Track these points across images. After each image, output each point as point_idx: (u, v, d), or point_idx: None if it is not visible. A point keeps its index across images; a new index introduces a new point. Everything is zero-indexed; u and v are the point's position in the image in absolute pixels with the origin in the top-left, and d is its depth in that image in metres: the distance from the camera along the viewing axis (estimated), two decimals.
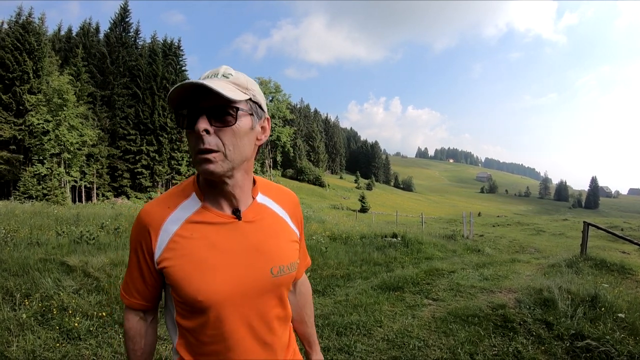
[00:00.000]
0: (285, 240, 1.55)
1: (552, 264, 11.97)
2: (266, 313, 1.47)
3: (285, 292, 1.54)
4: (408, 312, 6.79)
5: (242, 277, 1.40)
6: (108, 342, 4.89)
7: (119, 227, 14.64)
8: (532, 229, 32.90)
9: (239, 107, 1.32)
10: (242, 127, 1.34)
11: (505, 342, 5.50)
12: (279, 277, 1.46)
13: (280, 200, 1.62)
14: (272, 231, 1.52)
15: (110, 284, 6.89)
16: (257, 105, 1.41)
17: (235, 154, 1.34)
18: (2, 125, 49.19)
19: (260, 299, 1.44)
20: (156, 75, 67.57)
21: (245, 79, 1.40)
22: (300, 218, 1.73)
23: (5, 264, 7.62)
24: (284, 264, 1.48)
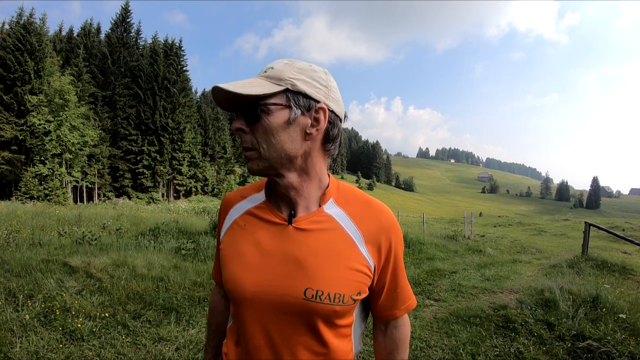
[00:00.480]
0: (343, 264, 1.26)
1: (554, 264, 11.96)
2: (289, 337, 1.27)
3: (320, 324, 1.26)
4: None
5: (269, 285, 1.27)
6: (111, 343, 4.89)
7: (120, 228, 14.66)
8: (534, 229, 32.80)
9: (268, 101, 1.20)
10: (274, 122, 1.21)
11: (506, 342, 5.52)
12: (312, 302, 1.22)
13: (359, 217, 1.32)
14: (327, 248, 1.27)
15: (113, 284, 6.89)
16: (301, 94, 1.22)
17: (270, 152, 1.23)
18: (4, 125, 49.28)
19: (285, 317, 1.26)
20: (157, 76, 67.68)
21: (288, 68, 1.24)
22: (388, 248, 1.33)
23: (7, 265, 7.60)
24: (324, 290, 1.22)
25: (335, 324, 1.29)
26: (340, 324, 1.30)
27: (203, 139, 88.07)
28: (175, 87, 70.49)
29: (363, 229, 1.30)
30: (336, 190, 1.36)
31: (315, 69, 1.28)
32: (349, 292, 1.24)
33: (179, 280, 7.70)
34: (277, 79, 1.21)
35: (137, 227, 15.54)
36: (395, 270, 1.37)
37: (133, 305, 6.17)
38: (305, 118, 1.23)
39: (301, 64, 1.26)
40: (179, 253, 10.65)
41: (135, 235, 13.55)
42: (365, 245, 1.29)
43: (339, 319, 1.28)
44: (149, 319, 5.72)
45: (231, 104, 1.24)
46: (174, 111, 69.39)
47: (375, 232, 1.30)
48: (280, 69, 1.23)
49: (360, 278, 1.27)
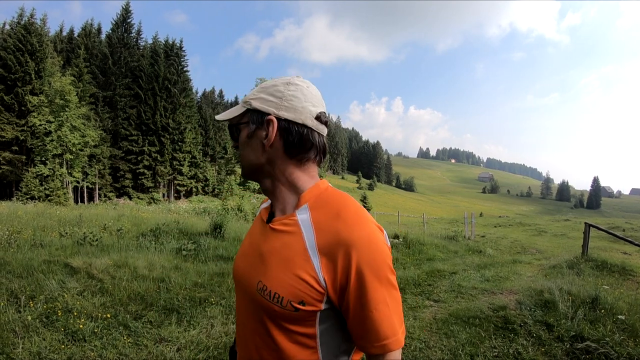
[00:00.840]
0: (289, 268, 1.28)
1: (554, 265, 11.99)
2: (251, 321, 1.40)
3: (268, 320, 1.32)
4: (409, 314, 6.86)
5: (243, 272, 1.45)
6: (113, 344, 4.92)
7: (121, 228, 14.66)
8: (534, 229, 32.79)
9: (239, 122, 1.44)
10: (241, 138, 1.43)
11: (505, 343, 5.55)
12: (259, 295, 1.32)
13: (321, 225, 1.30)
14: (281, 249, 1.33)
15: (114, 285, 6.92)
16: (255, 111, 1.39)
17: (243, 162, 1.45)
18: (5, 126, 49.32)
19: (249, 303, 1.40)
20: (158, 76, 67.69)
21: (257, 90, 1.43)
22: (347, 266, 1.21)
23: (9, 266, 7.62)
24: (268, 286, 1.29)
25: (286, 328, 1.30)
26: (294, 329, 1.29)
27: (204, 139, 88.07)
28: (176, 87, 70.48)
29: (319, 238, 1.27)
30: (315, 196, 1.39)
31: (276, 83, 1.41)
32: (288, 297, 1.25)
33: (180, 281, 7.73)
34: (244, 101, 1.42)
35: (138, 228, 15.54)
36: (361, 296, 1.22)
37: (134, 306, 6.20)
38: (261, 131, 1.38)
39: (267, 82, 1.44)
40: (180, 254, 10.67)
41: (136, 236, 13.56)
42: (319, 256, 1.25)
43: (288, 323, 1.29)
44: (150, 320, 5.74)
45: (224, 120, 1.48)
46: (174, 111, 69.38)
47: (330, 245, 1.25)
48: (251, 92, 1.44)
49: (304, 287, 1.25)
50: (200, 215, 29.78)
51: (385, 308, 1.23)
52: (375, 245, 1.25)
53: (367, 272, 1.21)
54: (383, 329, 1.23)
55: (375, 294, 1.22)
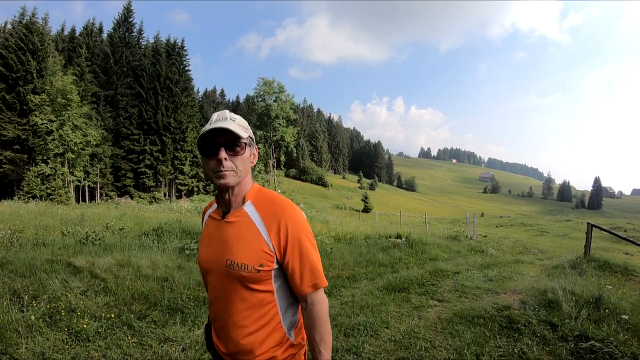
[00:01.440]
0: (249, 244, 1.94)
1: (556, 265, 11.97)
2: (225, 291, 2.01)
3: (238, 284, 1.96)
4: (414, 313, 6.87)
5: (209, 259, 2.07)
6: (117, 344, 4.92)
7: (124, 228, 14.66)
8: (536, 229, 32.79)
9: (244, 142, 1.97)
10: (246, 155, 1.99)
11: (510, 343, 5.55)
12: (230, 269, 1.94)
13: (264, 211, 1.99)
14: (240, 233, 1.97)
15: (118, 285, 6.92)
16: (252, 139, 2.05)
17: (242, 172, 1.98)
18: (6, 125, 49.24)
19: (221, 279, 2.01)
20: (159, 75, 67.57)
21: (243, 121, 2.04)
22: (285, 233, 1.93)
23: (12, 265, 7.61)
24: (234, 260, 1.92)
25: (251, 288, 1.95)
26: (257, 288, 1.95)
27: None
28: (178, 86, 70.28)
29: (265, 219, 1.95)
30: (254, 194, 2.06)
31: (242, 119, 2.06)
32: (252, 263, 1.90)
33: (184, 280, 7.74)
34: (244, 128, 2.01)
35: (140, 227, 15.52)
36: (299, 252, 1.95)
37: (138, 305, 6.20)
38: (253, 152, 2.08)
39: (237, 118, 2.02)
40: (183, 253, 10.67)
41: (138, 235, 13.56)
42: (267, 231, 1.93)
43: (253, 284, 1.94)
44: (155, 320, 5.75)
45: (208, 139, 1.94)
46: (176, 111, 69.20)
47: (272, 221, 1.94)
48: (240, 120, 2.01)
49: (260, 254, 1.92)
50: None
51: (313, 258, 1.98)
52: (299, 217, 1.99)
53: (300, 233, 1.95)
54: (315, 272, 1.97)
55: (306, 248, 1.96)
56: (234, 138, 1.93)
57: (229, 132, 1.91)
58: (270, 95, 69.86)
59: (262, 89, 70.59)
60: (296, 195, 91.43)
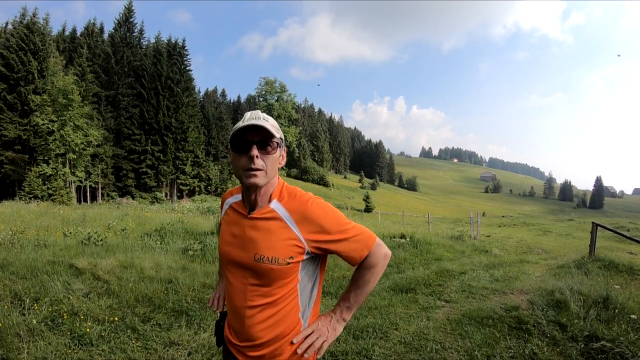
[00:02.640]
0: (279, 239, 1.96)
1: (561, 264, 11.94)
2: (247, 285, 2.02)
3: (270, 276, 1.97)
4: (422, 314, 6.80)
5: (233, 251, 2.07)
6: (121, 348, 4.83)
7: (125, 228, 14.62)
8: (539, 229, 32.74)
9: (276, 141, 1.98)
10: (276, 155, 2.00)
11: (520, 344, 5.51)
12: (258, 263, 1.96)
13: (290, 207, 2.01)
14: (268, 229, 1.98)
15: (121, 287, 6.82)
16: (282, 140, 2.05)
17: (271, 173, 1.99)
18: (7, 125, 49.31)
19: (243, 270, 2.03)
20: (161, 75, 67.67)
21: (275, 122, 2.05)
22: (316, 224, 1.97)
23: (12, 267, 7.52)
24: (265, 254, 1.94)
25: (279, 278, 1.97)
26: (284, 279, 1.98)
27: (206, 138, 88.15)
28: (179, 86, 70.37)
29: (292, 213, 1.98)
30: (279, 191, 2.07)
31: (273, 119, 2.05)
32: (282, 256, 1.94)
33: (188, 282, 7.65)
34: (276, 128, 2.00)
35: (143, 227, 15.50)
36: (341, 233, 1.99)
37: (142, 308, 6.12)
38: (283, 153, 2.09)
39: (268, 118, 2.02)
40: (187, 254, 10.61)
41: (140, 236, 13.52)
42: (297, 225, 1.97)
43: (280, 279, 1.97)
44: (159, 323, 5.66)
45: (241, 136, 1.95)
46: (177, 111, 69.27)
47: (300, 215, 1.97)
48: (272, 121, 2.01)
49: (292, 247, 1.95)
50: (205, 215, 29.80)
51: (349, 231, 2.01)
52: (326, 208, 2.02)
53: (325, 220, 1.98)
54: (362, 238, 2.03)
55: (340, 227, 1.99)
56: (267, 137, 1.95)
57: (262, 129, 1.93)
58: (272, 95, 70.01)
59: (263, 88, 70.72)
60: None
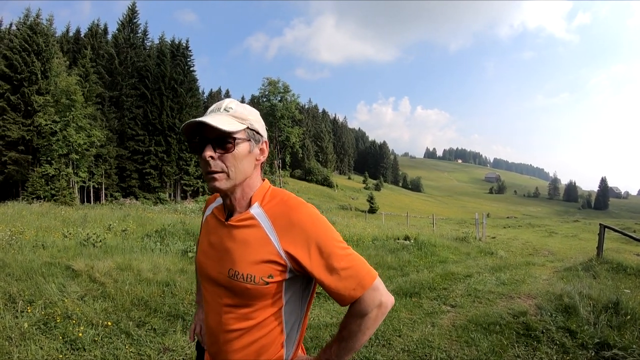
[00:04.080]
0: (255, 252, 1.64)
1: (568, 267, 11.85)
2: (222, 305, 1.73)
3: (247, 296, 1.67)
4: (427, 320, 6.63)
5: (209, 264, 1.80)
6: (113, 354, 4.69)
7: (126, 229, 14.52)
8: (544, 230, 32.68)
9: (237, 136, 1.65)
10: (241, 152, 1.67)
11: (529, 352, 5.35)
12: (232, 280, 1.66)
13: (275, 214, 1.69)
14: (246, 239, 1.68)
15: (117, 290, 6.71)
16: (255, 131, 1.73)
17: (237, 174, 1.68)
18: (11, 125, 49.44)
19: (218, 287, 1.75)
20: (164, 76, 67.87)
21: (245, 110, 1.73)
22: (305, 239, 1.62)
23: (8, 268, 7.44)
24: (239, 270, 1.64)
25: (256, 300, 1.67)
26: (263, 301, 1.68)
27: None
28: (183, 87, 70.57)
29: (276, 224, 1.66)
30: (263, 194, 1.77)
31: (257, 112, 1.80)
32: (259, 274, 1.62)
33: (186, 285, 7.54)
34: (240, 118, 1.69)
35: (144, 228, 15.41)
36: (325, 256, 1.62)
37: (137, 312, 5.99)
38: (257, 149, 1.75)
39: (250, 107, 1.77)
40: (186, 256, 10.51)
41: (141, 237, 13.42)
42: (278, 238, 1.64)
43: (258, 300, 1.67)
44: (154, 327, 5.51)
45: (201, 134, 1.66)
46: (181, 111, 69.42)
47: (286, 227, 1.64)
48: (240, 110, 1.71)
49: (269, 264, 1.63)
50: None
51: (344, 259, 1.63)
52: (316, 217, 1.67)
53: (321, 238, 1.62)
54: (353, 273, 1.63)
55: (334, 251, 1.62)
56: (222, 133, 1.62)
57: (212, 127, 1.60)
58: (275, 95, 69.90)
59: (267, 89, 70.70)
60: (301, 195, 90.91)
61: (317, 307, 7.29)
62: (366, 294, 1.63)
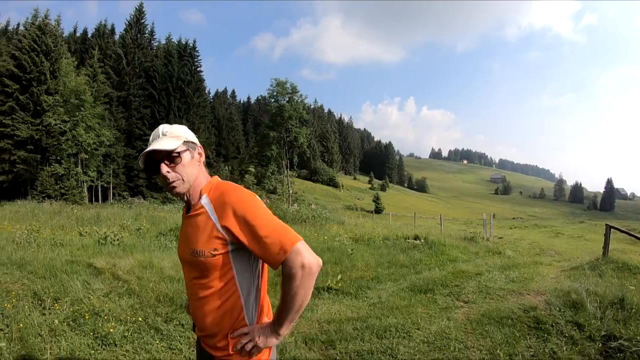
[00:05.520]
0: (204, 232, 2.05)
1: (575, 266, 11.92)
2: (190, 274, 2.18)
3: (204, 269, 2.07)
4: (442, 314, 6.84)
5: (180, 247, 2.26)
6: (145, 348, 4.87)
7: (140, 228, 14.67)
8: (550, 231, 32.65)
9: (179, 150, 2.11)
10: (186, 160, 2.13)
11: (540, 343, 5.59)
12: (195, 257, 2.07)
13: (214, 199, 2.09)
14: (197, 224, 2.09)
15: (142, 287, 6.86)
16: (190, 142, 2.20)
17: (188, 177, 2.14)
18: (20, 125, 49.65)
19: (187, 265, 2.19)
20: (172, 76, 67.96)
21: (177, 129, 2.21)
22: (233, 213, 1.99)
23: (30, 266, 7.59)
24: (197, 248, 2.05)
25: (211, 270, 2.05)
26: (216, 271, 2.06)
27: (217, 139, 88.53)
28: (190, 87, 70.64)
29: (216, 207, 2.05)
30: (209, 188, 2.17)
31: (185, 127, 2.28)
32: (207, 249, 2.02)
33: None
34: (176, 136, 2.16)
35: (157, 227, 15.54)
36: (250, 226, 1.95)
37: (164, 308, 6.15)
38: (196, 154, 2.22)
39: (178, 126, 2.26)
40: None
41: (156, 236, 13.57)
42: (217, 217, 2.02)
43: (213, 270, 2.05)
44: (182, 322, 5.69)
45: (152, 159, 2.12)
46: (188, 111, 69.53)
47: (220, 206, 2.04)
48: (174, 131, 2.19)
49: (213, 239, 2.02)
50: None
51: (267, 226, 1.95)
52: (243, 195, 2.05)
53: (243, 208, 1.99)
54: (275, 240, 1.91)
55: (257, 220, 1.95)
56: (168, 152, 2.09)
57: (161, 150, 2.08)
58: (283, 96, 69.67)
59: (275, 89, 70.29)
60: (307, 195, 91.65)
61: (337, 303, 7.55)
62: (289, 257, 1.88)
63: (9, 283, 6.58)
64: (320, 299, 7.69)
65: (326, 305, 7.34)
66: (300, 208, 31.57)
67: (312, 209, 30.89)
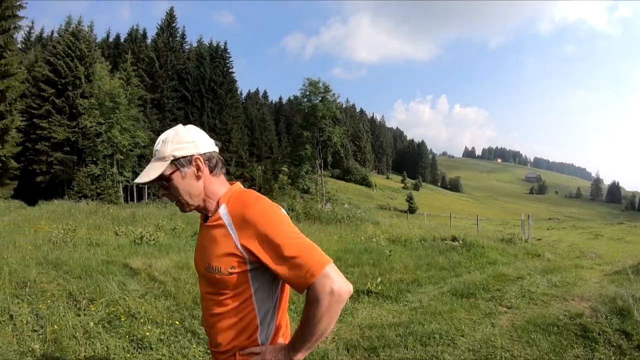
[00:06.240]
0: (219, 247, 1.87)
1: (618, 270, 11.61)
2: (204, 288, 2.02)
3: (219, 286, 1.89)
4: (486, 321, 6.66)
5: (197, 259, 2.09)
6: (182, 352, 4.79)
7: (175, 227, 14.69)
8: (589, 232, 31.94)
9: (165, 174, 1.90)
10: (177, 181, 1.92)
11: (587, 352, 5.35)
12: (208, 272, 1.91)
13: (234, 212, 1.89)
14: (214, 237, 1.91)
15: (178, 288, 6.80)
16: (179, 158, 1.92)
17: (189, 196, 1.96)
18: (56, 127, 50.78)
19: (202, 278, 2.03)
20: (204, 78, 68.87)
21: (165, 146, 1.93)
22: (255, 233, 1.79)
23: (66, 266, 7.56)
24: (212, 264, 1.88)
25: (226, 288, 1.88)
26: (232, 289, 1.88)
27: (250, 139, 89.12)
28: (222, 88, 71.40)
29: (235, 221, 1.85)
30: (229, 197, 1.98)
31: (179, 132, 1.97)
32: (223, 266, 1.84)
33: None
34: (162, 158, 1.91)
35: (192, 227, 15.56)
36: (273, 246, 1.75)
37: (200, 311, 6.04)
38: (191, 168, 1.94)
39: (171, 136, 1.95)
40: None
41: (191, 236, 13.62)
42: (237, 232, 1.83)
43: (228, 289, 1.87)
44: None
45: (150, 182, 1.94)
46: (221, 112, 70.22)
47: (242, 223, 1.83)
48: (162, 149, 1.93)
49: (231, 257, 1.83)
50: None
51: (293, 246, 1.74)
52: (265, 210, 1.84)
53: (265, 228, 1.77)
54: (302, 262, 1.71)
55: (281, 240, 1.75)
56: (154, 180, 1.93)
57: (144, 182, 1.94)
58: (315, 96, 69.66)
59: (307, 89, 70.23)
60: (340, 195, 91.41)
61: (377, 307, 7.40)
62: (317, 281, 1.68)
63: (44, 283, 6.55)
64: (360, 303, 7.57)
65: (367, 310, 7.22)
66: (335, 207, 31.49)
67: (346, 209, 30.81)
